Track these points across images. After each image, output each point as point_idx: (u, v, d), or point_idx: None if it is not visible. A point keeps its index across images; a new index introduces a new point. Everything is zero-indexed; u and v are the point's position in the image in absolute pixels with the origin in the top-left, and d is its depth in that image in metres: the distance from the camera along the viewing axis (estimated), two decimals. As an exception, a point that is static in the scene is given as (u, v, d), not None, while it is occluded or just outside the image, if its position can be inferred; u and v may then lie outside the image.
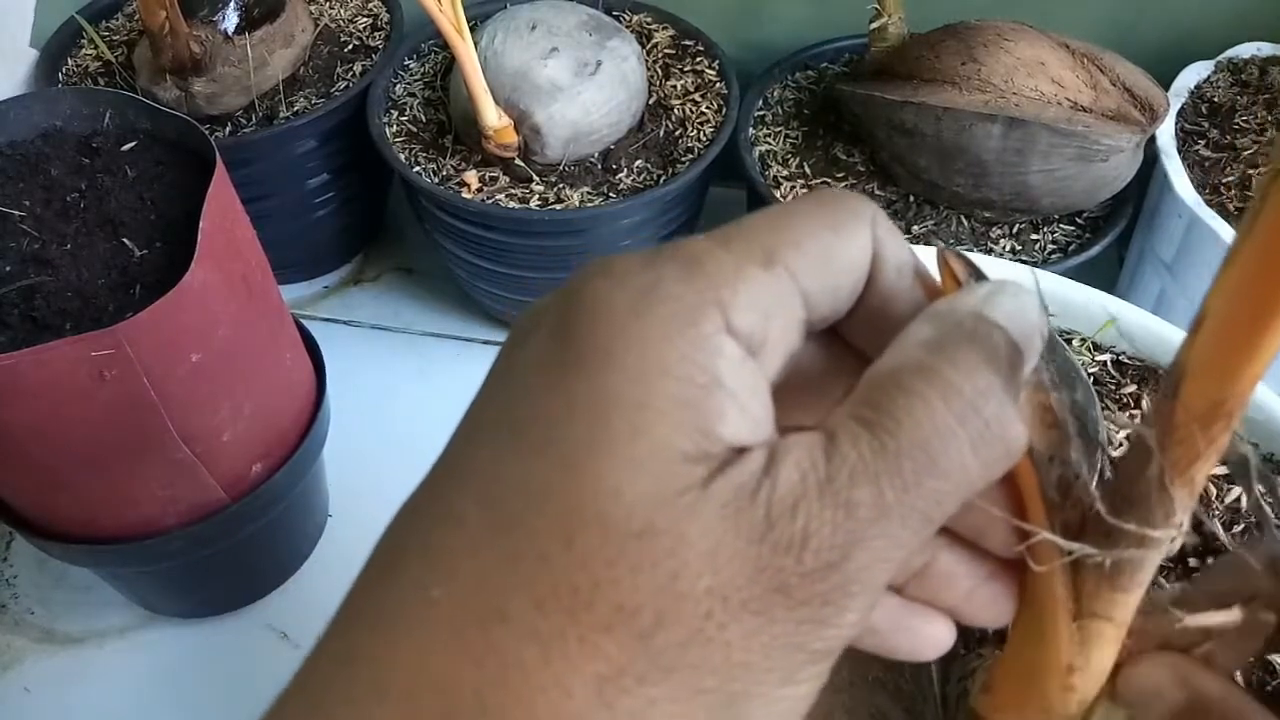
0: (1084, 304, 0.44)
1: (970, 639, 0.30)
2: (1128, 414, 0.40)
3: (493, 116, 0.73)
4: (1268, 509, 0.19)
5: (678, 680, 0.14)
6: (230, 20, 0.79)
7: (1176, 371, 0.16)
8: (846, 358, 0.20)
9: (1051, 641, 0.20)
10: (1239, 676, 0.30)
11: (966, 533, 0.19)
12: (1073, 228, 0.74)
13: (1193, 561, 0.35)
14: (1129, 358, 0.43)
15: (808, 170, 0.78)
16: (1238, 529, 0.36)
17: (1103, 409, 0.38)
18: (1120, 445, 0.39)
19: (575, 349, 0.15)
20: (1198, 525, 0.35)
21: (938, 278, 0.19)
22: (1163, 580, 0.34)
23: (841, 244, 0.17)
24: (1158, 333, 0.42)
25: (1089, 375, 0.40)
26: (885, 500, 0.15)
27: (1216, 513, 0.36)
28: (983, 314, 0.16)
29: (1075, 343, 0.42)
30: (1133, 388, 0.42)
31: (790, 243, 0.17)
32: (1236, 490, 0.37)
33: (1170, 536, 0.17)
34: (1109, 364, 0.42)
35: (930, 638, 0.19)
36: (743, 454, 0.15)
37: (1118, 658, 0.21)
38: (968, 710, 0.25)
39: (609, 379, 0.15)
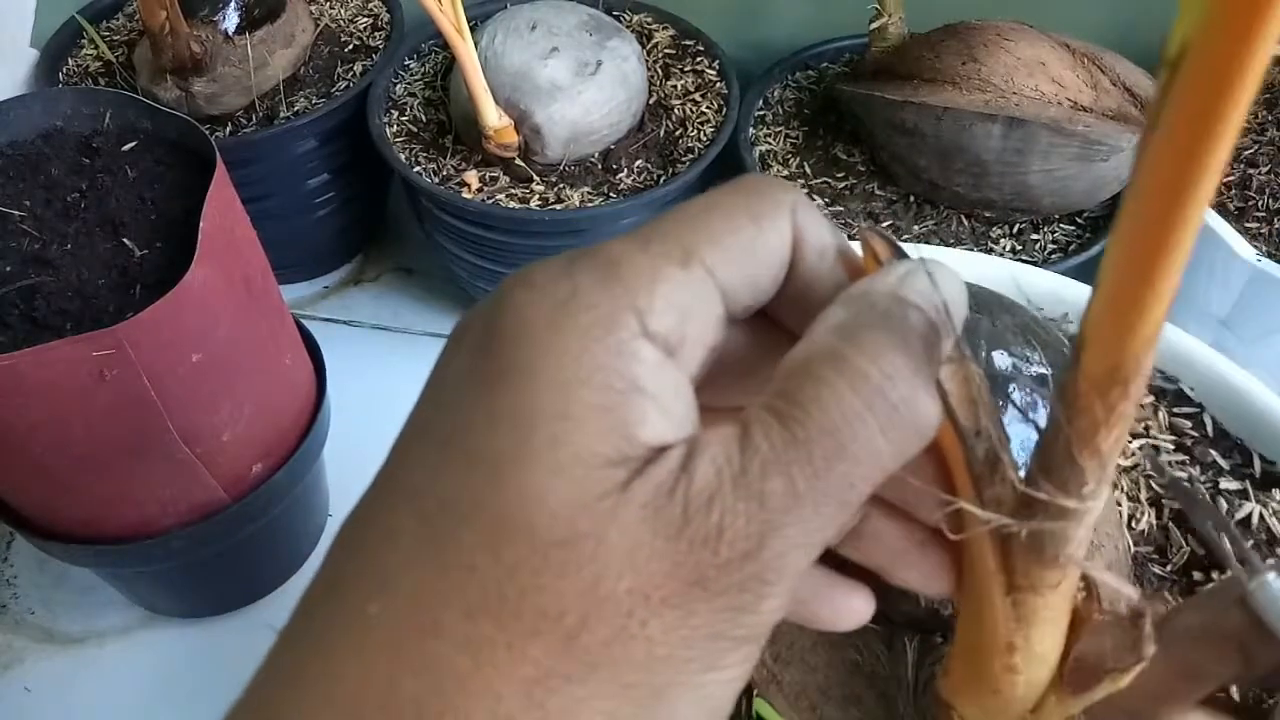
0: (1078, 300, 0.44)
1: (949, 628, 0.30)
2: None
3: (493, 116, 0.73)
4: (1225, 544, 0.19)
5: (604, 677, 0.15)
6: (230, 20, 0.79)
7: (1078, 341, 0.17)
8: (778, 338, 0.20)
9: (989, 618, 0.20)
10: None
11: (897, 502, 0.20)
12: (1073, 227, 0.74)
13: (1197, 575, 0.35)
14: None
15: (808, 170, 0.78)
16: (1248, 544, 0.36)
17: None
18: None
19: (498, 362, 0.16)
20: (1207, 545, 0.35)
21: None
22: (1170, 595, 0.34)
23: (762, 235, 0.18)
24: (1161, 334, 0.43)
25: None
26: (797, 488, 0.15)
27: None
28: (898, 294, 0.17)
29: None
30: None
31: (709, 238, 0.17)
32: (1249, 506, 0.37)
33: (1083, 508, 0.17)
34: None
35: (850, 609, 0.20)
36: (664, 452, 0.16)
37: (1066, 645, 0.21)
38: (933, 693, 0.25)
39: (530, 391, 0.15)
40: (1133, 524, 0.37)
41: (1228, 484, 0.38)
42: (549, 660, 0.15)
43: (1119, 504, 0.37)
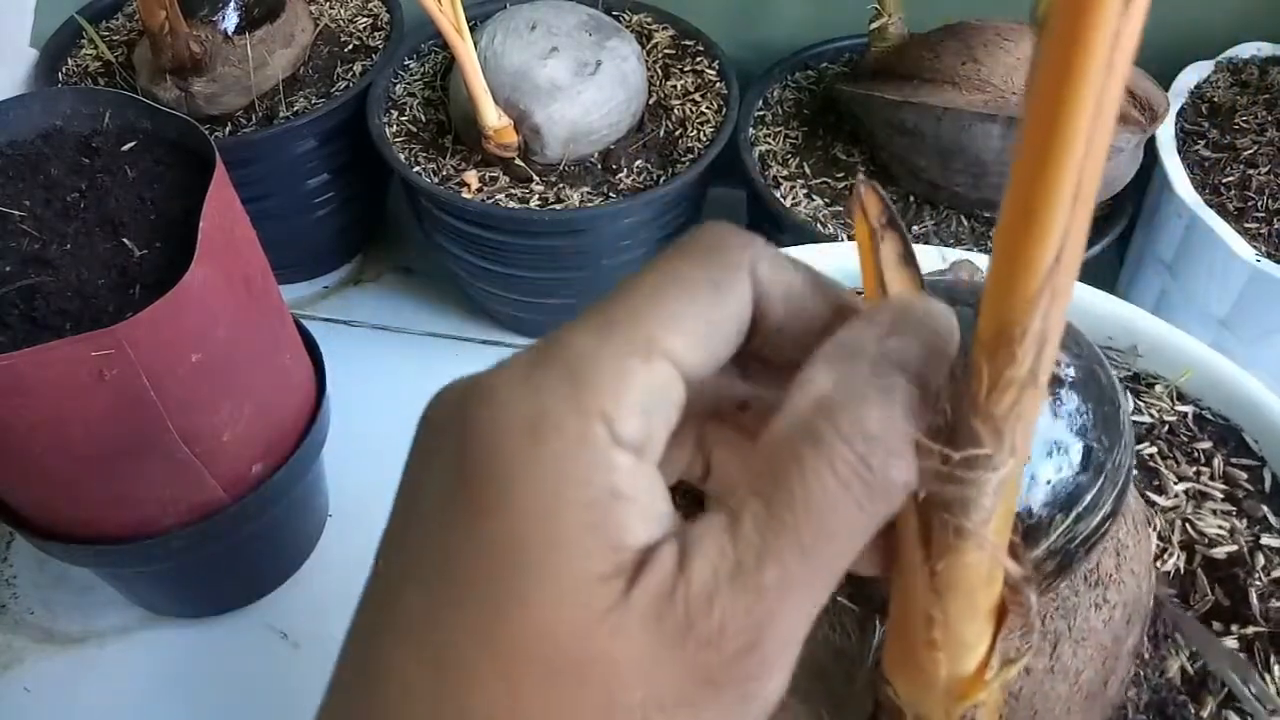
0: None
1: None
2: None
3: (493, 116, 0.73)
4: (1245, 689, 0.19)
5: None
6: (230, 20, 0.79)
7: (976, 308, 0.17)
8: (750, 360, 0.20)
9: (911, 590, 0.20)
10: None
11: None
12: (1073, 228, 0.74)
13: (1216, 625, 0.34)
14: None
15: (807, 170, 0.78)
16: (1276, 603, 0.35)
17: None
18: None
19: (477, 491, 0.16)
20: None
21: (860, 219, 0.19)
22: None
23: (721, 303, 0.17)
24: (1162, 334, 0.42)
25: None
26: (791, 575, 0.16)
27: (1258, 582, 0.35)
28: (882, 356, 0.17)
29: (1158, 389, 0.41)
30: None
31: (670, 319, 0.17)
32: None
33: (970, 474, 0.17)
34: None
35: None
36: (653, 551, 0.16)
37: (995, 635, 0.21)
38: (879, 670, 0.26)
39: (516, 520, 0.15)
40: (1158, 563, 0.36)
41: (1270, 540, 0.36)
42: None
43: (1149, 543, 0.36)
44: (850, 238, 0.71)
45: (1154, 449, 0.39)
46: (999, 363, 0.16)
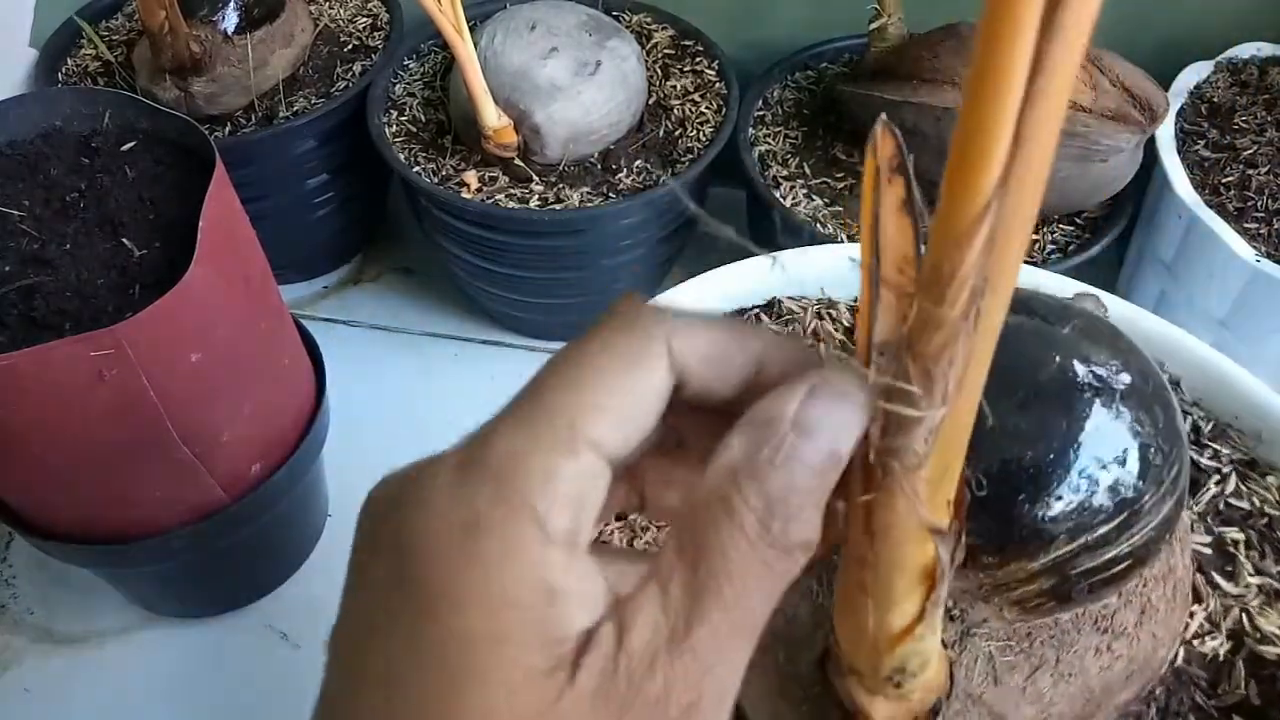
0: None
1: None
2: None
3: (492, 116, 0.73)
4: None
5: None
6: (230, 20, 0.79)
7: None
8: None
9: (850, 531, 0.20)
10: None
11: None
12: (1072, 228, 0.74)
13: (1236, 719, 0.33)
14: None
15: (807, 170, 0.78)
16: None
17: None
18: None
19: (422, 596, 0.17)
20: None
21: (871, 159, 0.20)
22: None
23: (640, 383, 0.18)
24: (1161, 333, 0.42)
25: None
26: (720, 632, 0.17)
27: None
28: (795, 426, 0.18)
29: None
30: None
31: (592, 406, 0.18)
32: None
33: (902, 410, 0.18)
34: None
35: None
36: (593, 632, 0.17)
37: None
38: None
39: (461, 622, 0.16)
40: (1196, 641, 0.34)
41: None
42: None
43: (1186, 611, 0.34)
44: (850, 238, 0.71)
45: (1242, 536, 0.38)
46: (929, 300, 0.17)
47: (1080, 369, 0.27)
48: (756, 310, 0.46)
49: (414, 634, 0.17)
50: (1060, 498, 0.26)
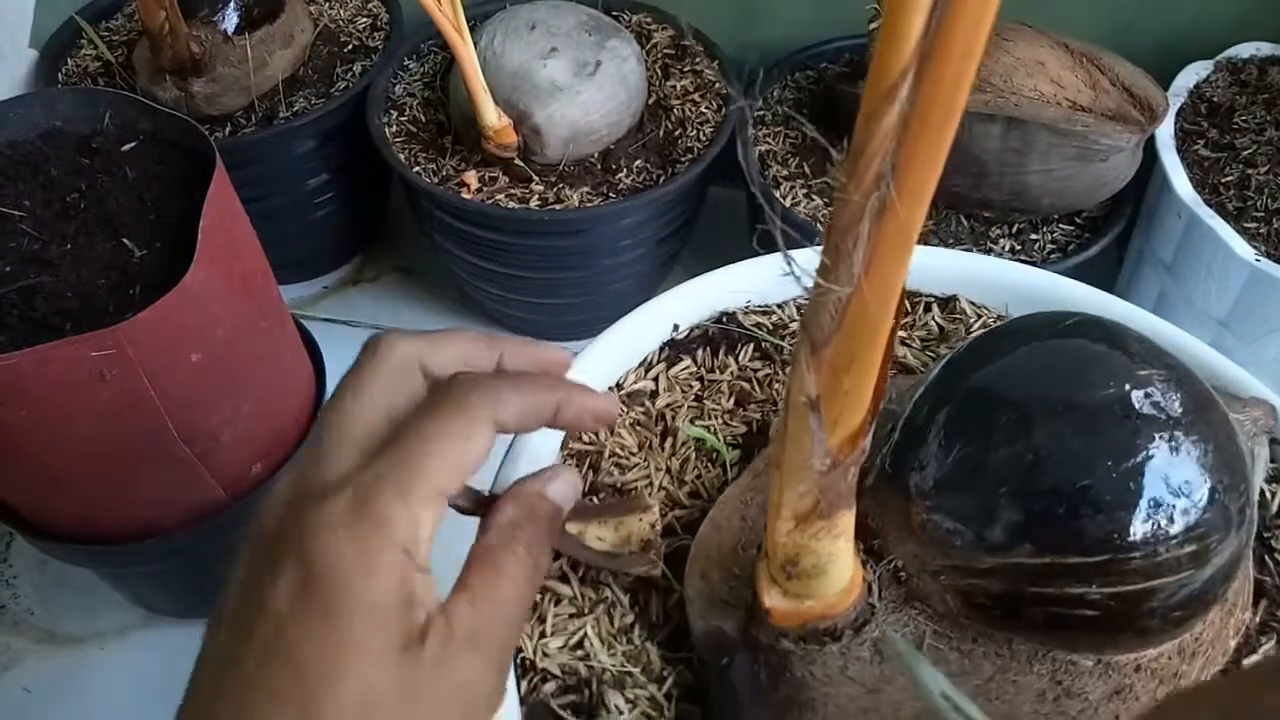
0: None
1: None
2: None
3: (492, 116, 0.73)
4: None
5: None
6: (230, 20, 0.79)
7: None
8: None
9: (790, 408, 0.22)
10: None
11: None
12: (1072, 228, 0.74)
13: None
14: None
15: (807, 170, 0.78)
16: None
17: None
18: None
19: (324, 601, 0.24)
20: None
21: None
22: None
23: (473, 448, 0.27)
24: (1161, 333, 0.42)
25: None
26: (506, 599, 0.27)
27: None
28: (541, 494, 0.30)
29: None
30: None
31: (443, 470, 0.26)
32: None
33: (820, 281, 0.20)
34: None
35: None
36: (430, 620, 0.26)
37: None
38: None
39: (354, 620, 0.24)
40: None
41: None
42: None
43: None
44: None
45: None
46: (843, 177, 0.18)
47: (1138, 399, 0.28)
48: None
49: (310, 627, 0.24)
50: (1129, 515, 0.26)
